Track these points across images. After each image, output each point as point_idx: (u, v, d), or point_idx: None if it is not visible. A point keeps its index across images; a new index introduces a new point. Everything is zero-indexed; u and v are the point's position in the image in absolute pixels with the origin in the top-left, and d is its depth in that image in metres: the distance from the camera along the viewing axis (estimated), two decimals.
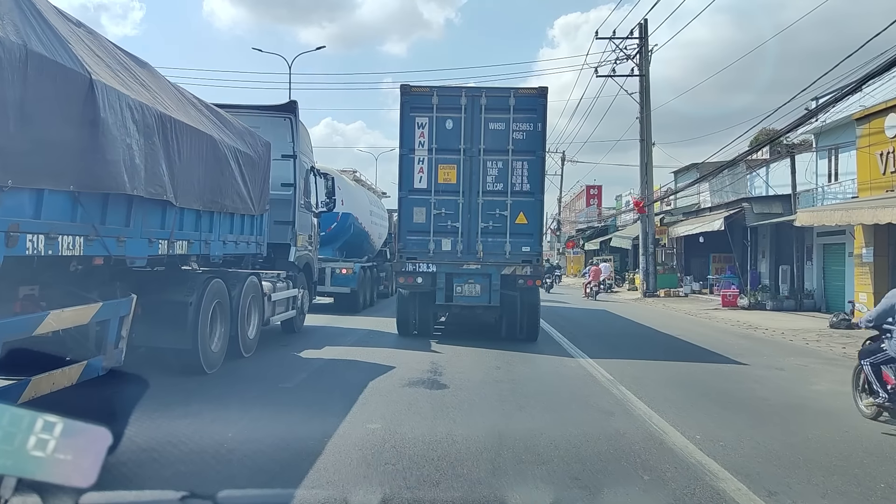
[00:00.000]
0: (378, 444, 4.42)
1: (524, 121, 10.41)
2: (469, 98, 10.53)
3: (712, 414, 5.78)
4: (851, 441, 4.99)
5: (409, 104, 10.62)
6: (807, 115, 15.21)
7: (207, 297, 7.28)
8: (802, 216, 15.12)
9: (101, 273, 5.80)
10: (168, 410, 4.77)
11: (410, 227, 10.59)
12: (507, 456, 4.27)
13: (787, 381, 7.80)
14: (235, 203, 7.89)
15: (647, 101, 24.81)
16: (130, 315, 5.79)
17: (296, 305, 10.80)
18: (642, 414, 5.62)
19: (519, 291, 10.32)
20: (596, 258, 34.35)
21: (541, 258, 11.17)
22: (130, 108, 5.31)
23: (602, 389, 6.79)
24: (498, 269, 10.28)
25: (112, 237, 5.35)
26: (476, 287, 10.28)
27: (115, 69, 5.62)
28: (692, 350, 10.65)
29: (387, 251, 21.42)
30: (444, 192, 10.44)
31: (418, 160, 10.54)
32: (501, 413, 5.64)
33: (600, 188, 54.12)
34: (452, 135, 10.43)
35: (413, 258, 10.44)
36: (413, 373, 7.44)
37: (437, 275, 10.32)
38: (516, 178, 10.40)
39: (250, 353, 8.60)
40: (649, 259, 24.55)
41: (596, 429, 4.99)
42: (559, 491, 3.63)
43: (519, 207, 10.43)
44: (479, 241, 10.38)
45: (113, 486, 1.17)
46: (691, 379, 7.73)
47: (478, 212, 10.39)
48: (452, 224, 10.43)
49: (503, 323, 10.67)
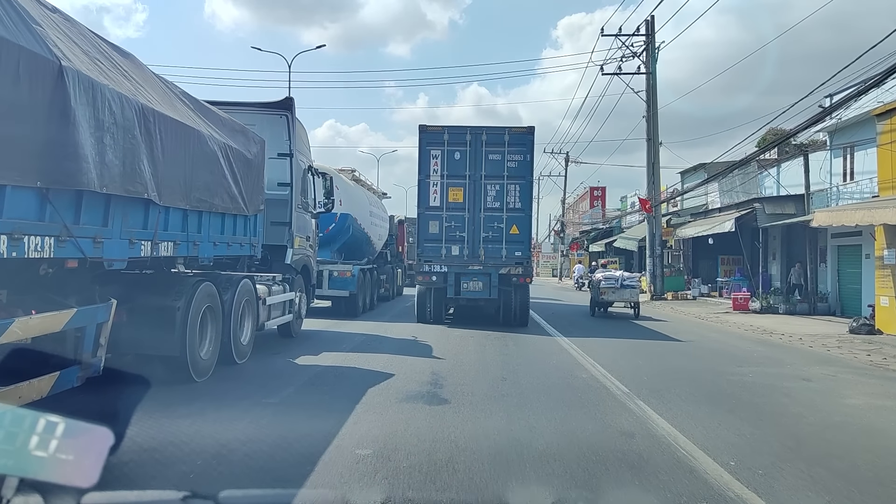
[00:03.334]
0: (368, 475, 3.92)
1: (516, 153, 13.10)
2: (473, 135, 13.17)
3: (744, 433, 5.27)
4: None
5: (425, 140, 13.28)
6: (823, 112, 14.71)
7: (197, 301, 6.81)
8: (820, 216, 14.59)
9: (81, 276, 5.32)
10: (136, 423, 4.27)
11: (427, 236, 13.24)
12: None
13: (818, 394, 7.29)
14: (226, 202, 7.42)
15: (653, 100, 24.31)
16: (109, 322, 5.32)
17: (293, 309, 10.34)
18: (665, 434, 5.12)
19: (513, 287, 13.03)
20: (600, 260, 33.83)
21: (530, 261, 13.94)
22: (107, 99, 4.84)
23: (628, 415, 6.28)
24: (496, 269, 12.96)
25: (87, 238, 4.89)
26: (479, 283, 12.96)
27: (94, 57, 5.16)
28: (710, 358, 10.14)
29: (387, 253, 21.04)
30: (453, 209, 13.13)
31: (433, 184, 13.23)
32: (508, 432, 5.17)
33: (604, 189, 53.91)
34: (460, 164, 13.14)
35: (429, 261, 13.11)
36: (412, 383, 6.96)
37: (448, 274, 13.00)
38: (510, 198, 13.12)
39: (244, 359, 8.15)
40: (656, 261, 24.03)
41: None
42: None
43: (512, 221, 13.15)
44: (481, 248, 13.04)
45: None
46: (715, 391, 7.23)
47: (480, 224, 13.08)
48: (460, 234, 13.10)
49: (501, 312, 13.27)
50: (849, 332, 13.37)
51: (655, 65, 24.31)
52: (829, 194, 18.52)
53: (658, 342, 11.91)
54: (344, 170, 18.05)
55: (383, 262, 20.04)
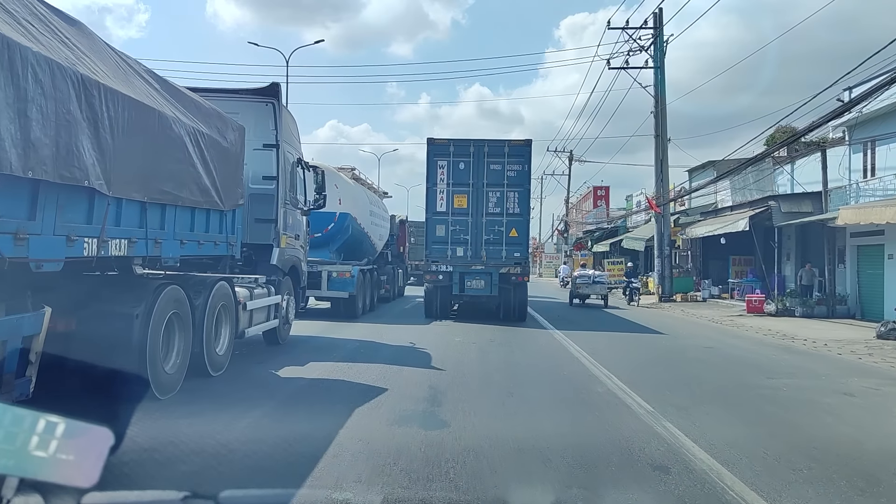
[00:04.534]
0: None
1: (515, 163, 14.22)
2: (476, 147, 14.32)
3: (799, 468, 4.39)
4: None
5: (433, 151, 14.39)
6: (844, 105, 13.86)
7: (160, 307, 5.96)
8: (846, 214, 13.72)
9: (12, 280, 4.47)
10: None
11: (434, 239, 14.28)
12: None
13: (865, 412, 6.43)
14: (196, 195, 6.56)
15: (661, 95, 23.45)
16: (42, 334, 4.46)
17: (278, 314, 9.47)
18: (707, 469, 4.26)
19: (512, 285, 14.12)
20: (605, 260, 32.97)
21: (527, 261, 15.03)
22: (30, 64, 3.97)
23: (657, 442, 5.42)
24: (497, 269, 13.97)
25: (7, 234, 4.03)
26: (481, 282, 13.98)
27: (19, 17, 4.31)
28: (735, 368, 9.28)
29: (388, 253, 20.46)
30: (458, 214, 14.20)
31: (439, 191, 14.29)
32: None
33: (608, 189, 53.13)
34: (464, 173, 14.24)
35: (436, 261, 14.16)
36: (406, 401, 6.11)
37: (454, 273, 14.03)
38: (509, 204, 14.19)
39: (220, 371, 7.29)
40: (665, 261, 23.15)
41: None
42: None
43: (511, 225, 14.21)
44: (483, 249, 14.10)
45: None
46: (750, 409, 6.37)
47: (482, 228, 14.14)
48: (464, 237, 14.17)
49: (501, 308, 14.33)
50: (876, 337, 12.50)
51: (663, 59, 23.45)
52: (848, 191, 17.64)
53: (680, 350, 11.05)
54: (343, 168, 17.45)
55: (384, 262, 19.51)
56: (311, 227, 16.65)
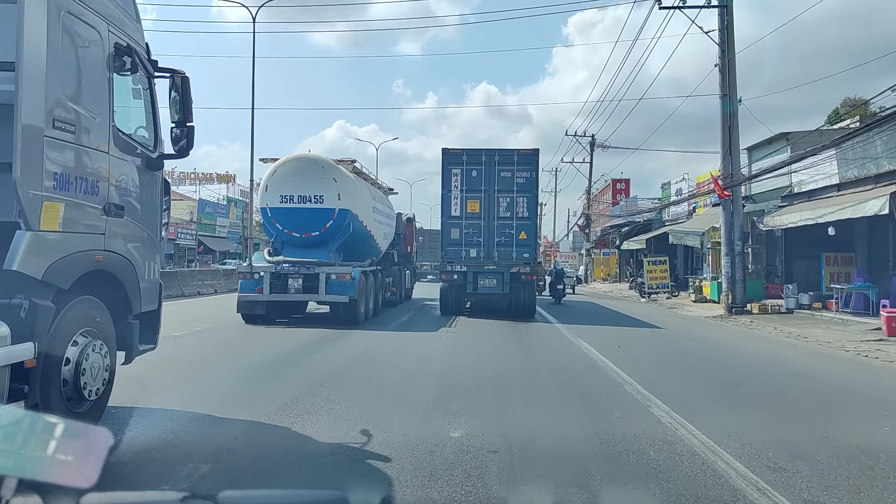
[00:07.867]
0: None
1: (523, 171, 15.76)
2: (487, 156, 15.88)
3: None
4: None
5: (447, 160, 15.99)
6: None
7: None
8: None
9: None
10: None
11: (449, 241, 15.86)
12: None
13: None
14: None
15: (730, 41, 18.08)
16: None
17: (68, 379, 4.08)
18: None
19: (522, 284, 15.56)
20: (645, 259, 27.54)
21: (536, 261, 16.48)
22: None
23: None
24: (508, 268, 15.46)
25: None
26: (493, 281, 15.53)
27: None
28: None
29: (394, 253, 18.89)
30: (471, 218, 15.75)
31: (454, 197, 15.86)
32: None
33: (628, 182, 49.92)
34: (476, 180, 15.79)
35: (451, 262, 15.76)
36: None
37: (467, 273, 15.61)
38: (519, 209, 15.71)
39: None
40: (736, 261, 17.72)
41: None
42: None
43: (521, 228, 15.72)
44: (495, 250, 15.65)
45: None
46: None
47: (493, 231, 15.69)
48: (477, 239, 15.72)
49: (511, 306, 15.82)
50: None
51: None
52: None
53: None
54: (343, 161, 15.30)
55: (389, 263, 18.16)
56: (307, 226, 13.35)
